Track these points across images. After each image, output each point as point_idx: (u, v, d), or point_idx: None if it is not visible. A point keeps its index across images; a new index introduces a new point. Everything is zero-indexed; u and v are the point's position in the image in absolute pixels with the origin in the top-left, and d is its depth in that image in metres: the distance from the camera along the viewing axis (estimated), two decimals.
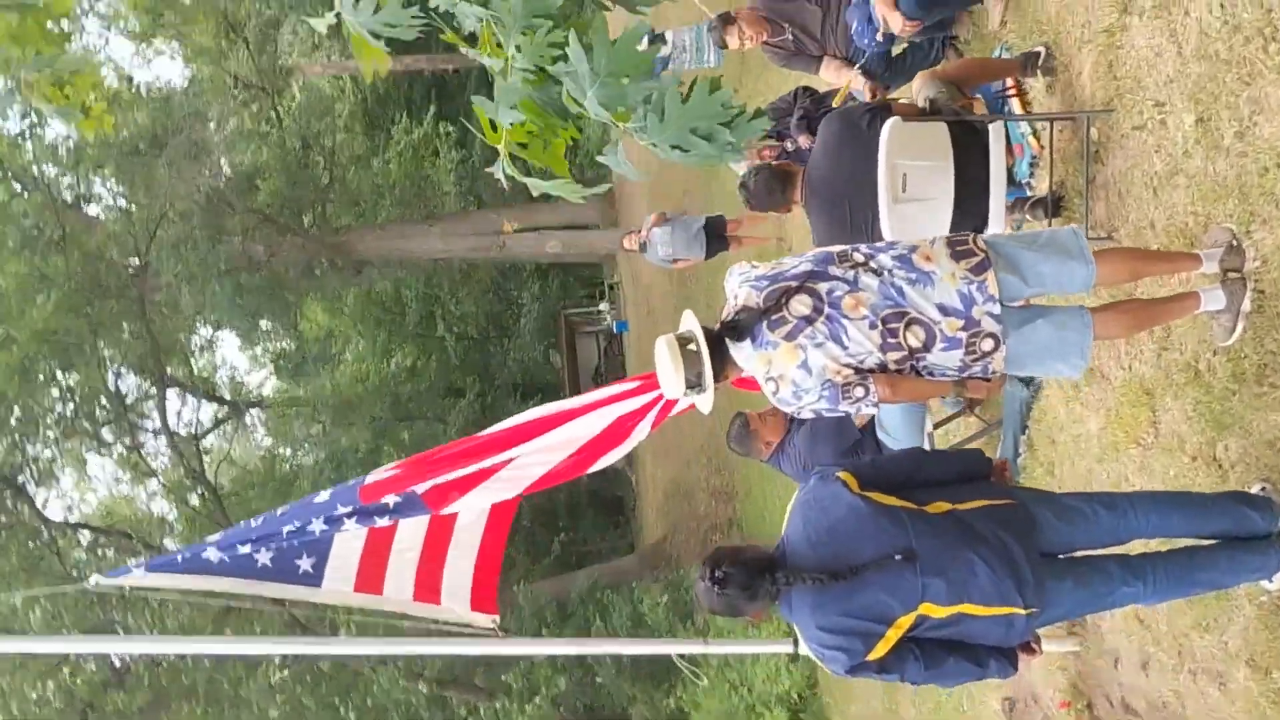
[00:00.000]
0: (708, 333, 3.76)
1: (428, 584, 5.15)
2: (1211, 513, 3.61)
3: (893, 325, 3.63)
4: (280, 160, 20.33)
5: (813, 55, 6.50)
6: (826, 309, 3.65)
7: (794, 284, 3.71)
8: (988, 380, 3.79)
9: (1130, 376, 4.56)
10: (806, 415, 3.80)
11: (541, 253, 19.48)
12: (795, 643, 5.08)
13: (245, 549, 4.80)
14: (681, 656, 4.92)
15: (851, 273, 3.71)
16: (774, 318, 3.67)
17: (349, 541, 4.99)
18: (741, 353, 3.75)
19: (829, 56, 6.41)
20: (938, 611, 3.37)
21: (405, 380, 26.39)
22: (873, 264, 3.71)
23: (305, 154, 21.11)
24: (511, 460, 4.74)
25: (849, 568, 3.31)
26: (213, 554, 4.84)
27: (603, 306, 26.93)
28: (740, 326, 3.72)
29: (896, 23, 5.34)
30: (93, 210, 19.90)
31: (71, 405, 18.97)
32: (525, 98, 2.57)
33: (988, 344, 3.65)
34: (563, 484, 5.33)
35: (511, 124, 2.61)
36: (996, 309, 3.63)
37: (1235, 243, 3.81)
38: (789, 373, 3.68)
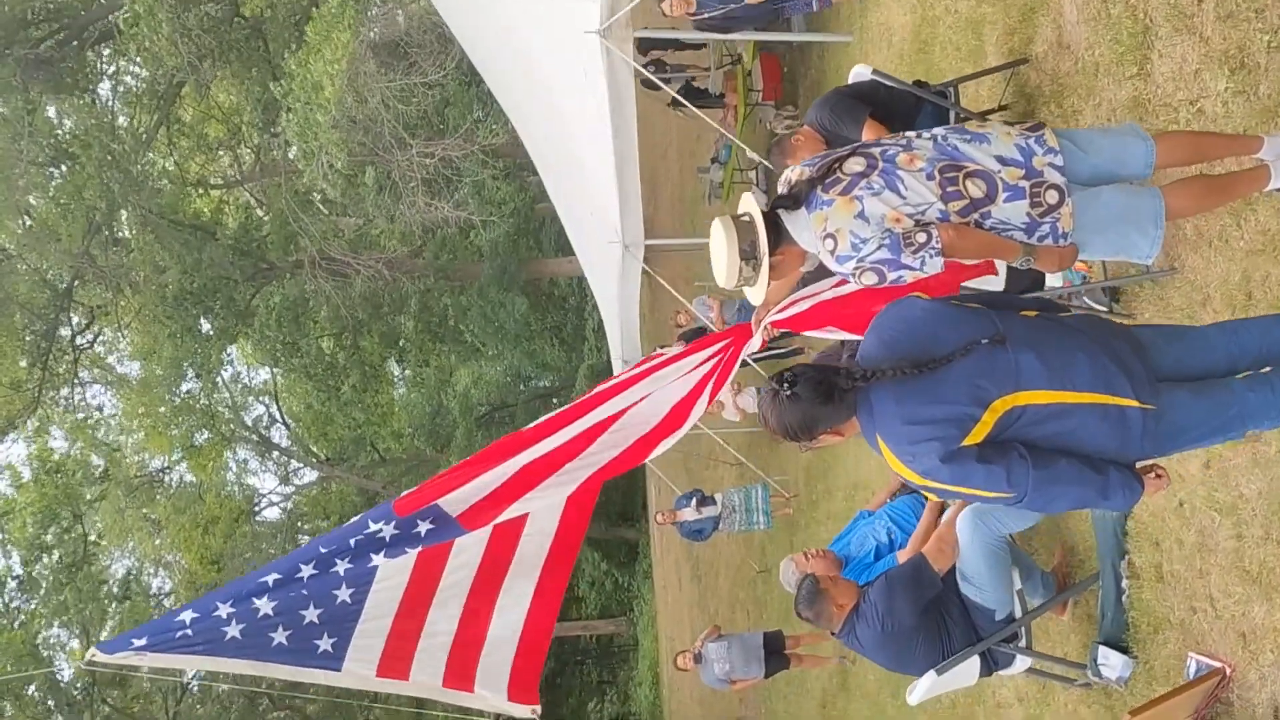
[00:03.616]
0: (763, 212, 3.67)
1: (460, 669, 4.44)
2: None
3: (951, 174, 3.51)
4: None
5: None
6: (881, 163, 3.57)
7: (846, 152, 3.66)
8: (1060, 247, 3.54)
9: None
10: (867, 280, 3.51)
11: None
12: None
13: (260, 603, 4.25)
14: None
15: (905, 139, 3.67)
16: (828, 180, 3.58)
17: (375, 620, 4.41)
18: (797, 221, 3.61)
19: None
20: (1036, 398, 2.91)
21: None
22: (925, 134, 3.67)
23: None
24: (553, 460, 4.27)
25: (934, 358, 2.93)
26: (223, 612, 4.26)
27: None
28: (794, 195, 3.62)
29: None
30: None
31: None
32: None
33: (1052, 195, 3.49)
34: None
35: None
36: (1059, 160, 3.52)
37: None
38: (846, 225, 3.49)
